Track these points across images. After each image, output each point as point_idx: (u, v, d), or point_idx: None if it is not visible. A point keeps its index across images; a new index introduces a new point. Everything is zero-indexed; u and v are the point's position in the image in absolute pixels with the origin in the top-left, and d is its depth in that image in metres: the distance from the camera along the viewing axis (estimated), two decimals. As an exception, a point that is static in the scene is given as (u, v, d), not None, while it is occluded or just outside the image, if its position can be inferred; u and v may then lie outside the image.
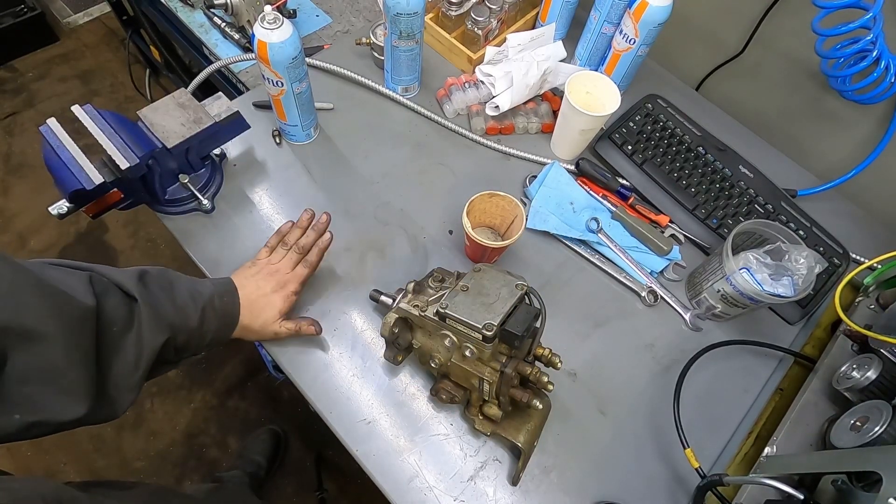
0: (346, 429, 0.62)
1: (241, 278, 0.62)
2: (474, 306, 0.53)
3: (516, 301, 0.54)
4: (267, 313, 0.60)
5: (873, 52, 0.67)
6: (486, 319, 0.52)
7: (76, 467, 1.36)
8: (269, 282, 0.61)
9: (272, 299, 0.61)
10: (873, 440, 0.50)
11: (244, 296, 0.60)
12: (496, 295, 0.54)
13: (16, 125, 1.87)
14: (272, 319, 0.61)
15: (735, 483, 0.54)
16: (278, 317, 0.61)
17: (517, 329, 0.52)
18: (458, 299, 0.54)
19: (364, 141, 0.83)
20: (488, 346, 0.52)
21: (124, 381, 0.47)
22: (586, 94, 0.79)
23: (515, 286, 0.55)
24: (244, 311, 0.59)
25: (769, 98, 0.89)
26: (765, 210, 0.79)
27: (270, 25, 0.63)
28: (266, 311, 0.60)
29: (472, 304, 0.54)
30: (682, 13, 0.84)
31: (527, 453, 0.59)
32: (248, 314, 0.60)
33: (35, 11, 1.94)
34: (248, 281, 0.61)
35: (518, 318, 0.53)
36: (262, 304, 0.60)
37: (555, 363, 0.56)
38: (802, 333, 0.74)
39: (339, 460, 1.40)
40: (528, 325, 0.53)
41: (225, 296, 0.58)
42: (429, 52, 0.93)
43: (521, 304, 0.55)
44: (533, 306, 0.56)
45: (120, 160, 0.60)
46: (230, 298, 0.59)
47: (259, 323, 0.60)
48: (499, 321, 0.51)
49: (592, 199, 0.80)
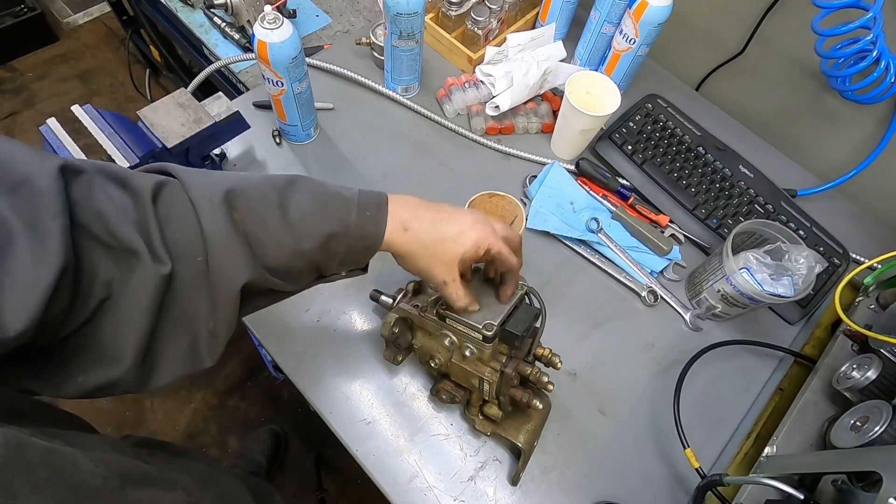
0: (346, 429, 0.62)
1: (449, 207, 0.48)
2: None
3: (516, 301, 0.54)
4: (447, 246, 0.45)
5: (873, 52, 0.67)
6: (486, 319, 0.51)
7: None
8: (471, 213, 0.48)
9: (465, 231, 0.46)
10: (873, 440, 0.50)
11: (423, 208, 0.46)
12: (496, 295, 0.54)
13: (16, 125, 1.87)
14: (449, 255, 0.46)
15: (735, 483, 0.54)
16: (458, 260, 0.46)
17: (517, 329, 0.52)
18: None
19: (364, 141, 0.83)
20: (488, 346, 0.52)
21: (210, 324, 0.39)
22: (586, 94, 0.79)
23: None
24: (419, 230, 0.45)
25: (769, 98, 0.89)
26: (765, 210, 0.79)
27: (270, 25, 0.63)
28: (447, 244, 0.45)
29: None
30: (682, 13, 0.84)
31: (527, 453, 0.59)
32: (423, 237, 0.45)
33: (35, 11, 1.94)
34: (443, 206, 0.48)
35: (518, 319, 0.53)
36: (451, 229, 0.46)
37: (555, 363, 0.56)
38: (802, 333, 0.74)
39: (339, 460, 1.40)
40: (528, 325, 0.53)
41: (368, 208, 0.44)
42: (429, 52, 0.93)
43: (522, 304, 0.55)
44: (533, 306, 0.56)
45: (120, 160, 0.60)
46: (375, 212, 0.44)
47: (432, 253, 0.45)
48: (499, 321, 0.51)
49: (592, 199, 0.80)
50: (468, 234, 0.46)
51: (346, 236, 0.43)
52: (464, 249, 0.46)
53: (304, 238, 0.41)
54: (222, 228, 0.37)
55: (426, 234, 0.45)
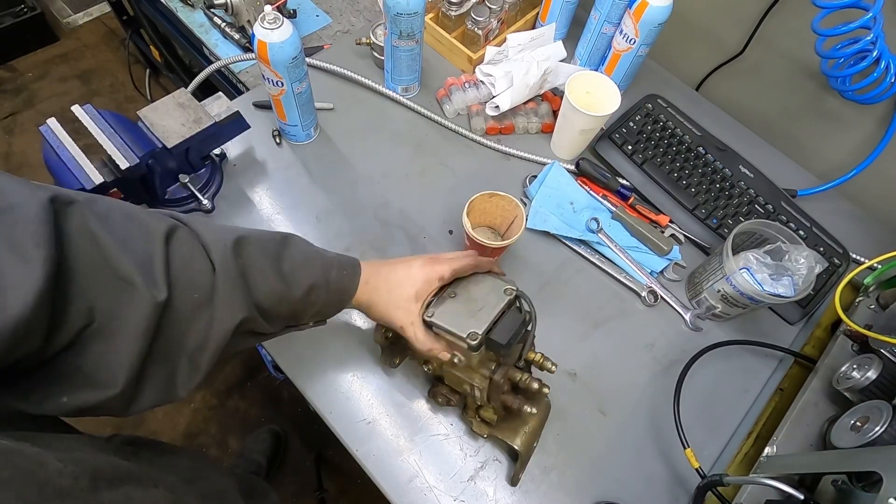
0: (346, 429, 0.62)
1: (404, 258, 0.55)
2: (460, 314, 0.52)
3: (504, 307, 0.52)
4: (402, 289, 0.52)
5: (873, 52, 0.67)
6: (470, 328, 0.50)
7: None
8: (420, 258, 0.54)
9: (413, 273, 0.53)
10: (873, 440, 0.50)
11: (382, 265, 0.53)
12: (483, 301, 0.53)
13: (16, 125, 1.87)
14: (404, 298, 0.52)
15: (735, 483, 0.54)
16: (413, 300, 0.52)
17: (502, 338, 0.50)
18: (445, 307, 0.53)
19: (364, 141, 0.83)
20: (475, 354, 0.51)
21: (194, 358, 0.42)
22: (586, 94, 0.79)
23: (504, 291, 0.53)
24: (382, 285, 0.52)
25: (769, 98, 0.89)
26: (765, 210, 0.79)
27: (270, 25, 0.63)
28: (402, 287, 0.52)
29: (458, 311, 0.52)
30: (682, 13, 0.84)
31: (524, 455, 0.59)
32: (384, 289, 0.52)
33: (35, 11, 1.94)
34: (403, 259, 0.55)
35: (504, 326, 0.51)
36: (400, 275, 0.53)
37: (548, 367, 0.55)
38: (802, 333, 0.74)
39: (339, 460, 1.40)
40: (514, 332, 0.51)
41: (345, 269, 0.52)
42: (429, 52, 0.93)
43: (509, 310, 0.53)
44: (522, 312, 0.54)
45: (120, 160, 0.60)
46: (350, 272, 0.52)
47: (388, 299, 0.52)
48: (483, 330, 0.50)
49: (592, 199, 0.80)
50: (416, 275, 0.53)
51: (326, 290, 0.50)
52: (415, 290, 0.52)
53: (293, 286, 0.47)
54: (231, 269, 0.43)
55: (381, 283, 0.53)
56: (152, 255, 0.39)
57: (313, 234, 0.74)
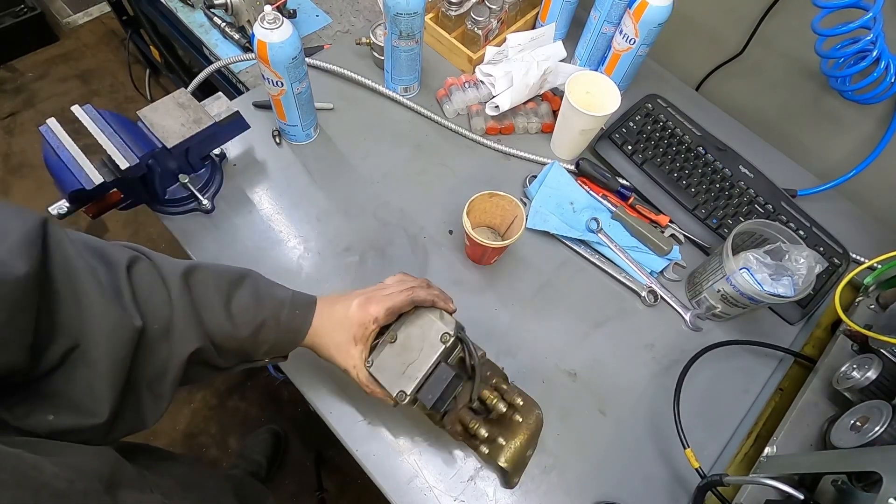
0: (346, 429, 0.62)
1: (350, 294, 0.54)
2: (394, 367, 0.50)
3: (436, 359, 0.49)
4: (340, 333, 0.52)
5: (873, 52, 0.67)
6: (400, 387, 0.48)
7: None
8: (358, 296, 0.53)
9: (350, 314, 0.51)
10: (873, 440, 0.50)
11: (332, 310, 0.52)
12: (418, 349, 0.50)
13: (16, 125, 1.87)
14: (344, 341, 0.51)
15: (735, 483, 0.54)
16: (352, 343, 0.51)
17: (428, 398, 0.47)
18: (384, 354, 0.51)
19: (364, 141, 0.83)
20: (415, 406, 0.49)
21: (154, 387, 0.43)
22: (586, 94, 0.79)
23: (440, 338, 0.50)
24: (323, 327, 0.52)
25: (769, 98, 0.89)
26: (765, 210, 0.79)
27: (270, 25, 0.63)
28: (340, 330, 0.52)
29: (392, 363, 0.50)
30: (682, 13, 0.84)
31: (511, 471, 0.55)
32: (326, 331, 0.52)
33: (35, 11, 1.94)
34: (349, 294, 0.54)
35: (432, 385, 0.48)
36: (339, 316, 0.52)
37: (512, 400, 0.53)
38: (802, 333, 0.74)
39: (339, 460, 1.40)
40: (443, 390, 0.48)
41: (298, 308, 0.52)
42: (429, 52, 0.93)
43: (441, 364, 0.49)
44: (452, 367, 0.50)
45: (120, 160, 0.60)
46: (303, 312, 0.52)
47: (329, 342, 0.52)
48: (412, 389, 0.48)
49: (592, 199, 0.80)
50: (352, 317, 0.52)
51: (276, 329, 0.50)
52: (351, 334, 0.51)
53: (240, 326, 0.48)
54: (185, 300, 0.44)
55: (325, 324, 0.52)
56: (119, 285, 0.41)
57: (313, 234, 0.74)
